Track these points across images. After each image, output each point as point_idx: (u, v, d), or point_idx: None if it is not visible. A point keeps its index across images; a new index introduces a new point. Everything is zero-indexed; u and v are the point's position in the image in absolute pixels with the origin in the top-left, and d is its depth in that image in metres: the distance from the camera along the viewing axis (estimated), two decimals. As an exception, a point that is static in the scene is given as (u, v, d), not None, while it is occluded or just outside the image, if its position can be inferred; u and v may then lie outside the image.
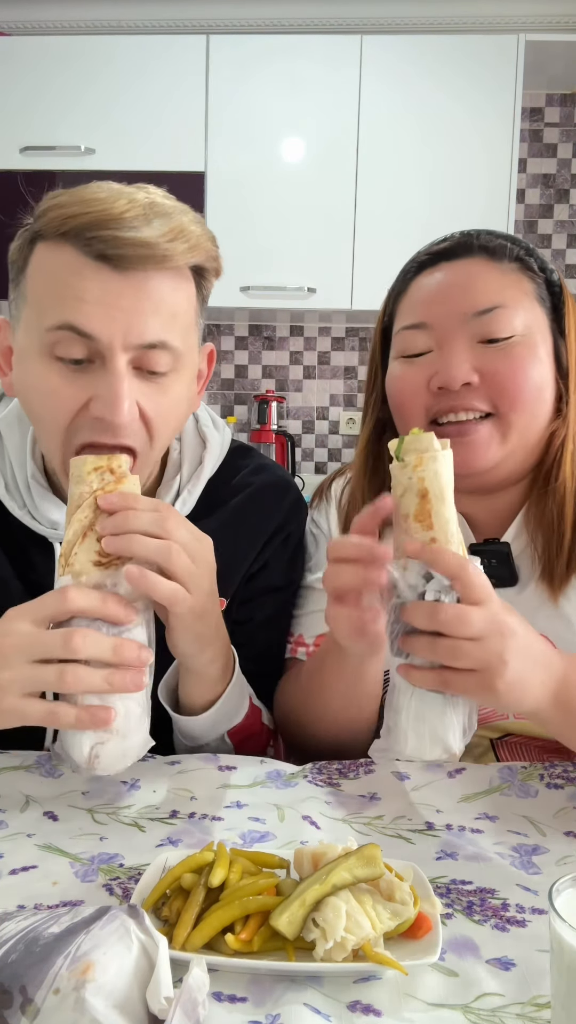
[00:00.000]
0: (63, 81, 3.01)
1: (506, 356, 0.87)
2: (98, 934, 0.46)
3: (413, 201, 3.00)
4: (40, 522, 0.91)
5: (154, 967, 0.46)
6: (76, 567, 0.70)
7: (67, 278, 0.77)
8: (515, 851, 0.71)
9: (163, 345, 0.79)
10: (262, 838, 0.73)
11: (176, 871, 0.59)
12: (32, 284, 0.80)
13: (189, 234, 0.79)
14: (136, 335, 0.77)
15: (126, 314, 0.77)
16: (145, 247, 0.76)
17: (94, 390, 0.78)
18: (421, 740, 0.71)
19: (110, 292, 0.76)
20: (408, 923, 0.56)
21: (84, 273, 0.76)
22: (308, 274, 3.06)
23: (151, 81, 3.00)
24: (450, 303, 0.88)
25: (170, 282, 0.80)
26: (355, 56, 2.97)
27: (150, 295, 0.78)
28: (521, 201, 3.43)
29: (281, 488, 1.03)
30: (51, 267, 0.79)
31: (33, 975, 0.44)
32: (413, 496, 0.69)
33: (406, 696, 0.71)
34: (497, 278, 0.89)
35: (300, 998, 0.52)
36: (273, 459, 3.43)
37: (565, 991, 0.44)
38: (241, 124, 3.02)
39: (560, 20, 3.17)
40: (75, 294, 0.76)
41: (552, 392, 0.90)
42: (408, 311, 0.92)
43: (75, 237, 0.76)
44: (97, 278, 0.76)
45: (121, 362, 0.78)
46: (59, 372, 0.79)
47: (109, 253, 0.75)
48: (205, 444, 0.99)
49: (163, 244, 0.77)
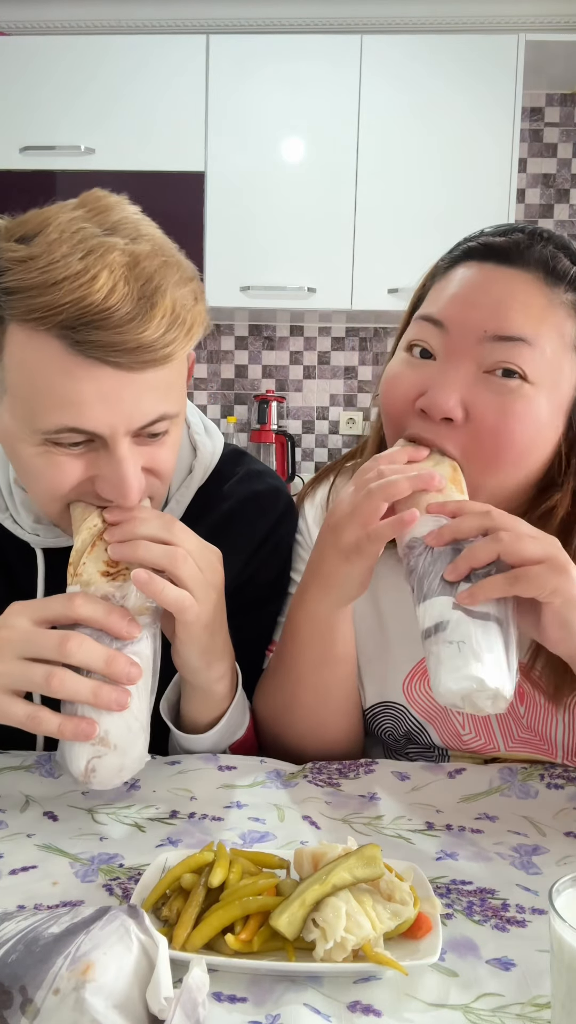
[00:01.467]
0: (63, 81, 3.02)
1: (500, 404, 0.76)
2: (98, 934, 0.46)
3: (413, 201, 3.01)
4: (22, 526, 0.90)
5: (154, 967, 0.46)
6: (84, 577, 0.70)
7: (59, 380, 0.69)
8: (515, 851, 0.71)
9: (162, 417, 0.74)
10: (262, 838, 0.73)
11: (176, 871, 0.59)
12: (13, 378, 0.72)
13: (182, 310, 0.71)
14: (138, 420, 0.72)
15: (126, 407, 0.71)
16: (145, 351, 0.68)
17: (97, 470, 0.74)
18: (495, 668, 0.65)
19: (106, 391, 0.70)
20: (408, 923, 0.56)
21: (77, 374, 0.68)
22: (308, 274, 3.06)
23: (151, 81, 3.00)
24: (475, 312, 0.78)
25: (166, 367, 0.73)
26: (355, 56, 2.98)
27: (148, 382, 0.72)
28: (521, 201, 3.43)
29: (270, 497, 1.00)
30: (35, 363, 0.69)
31: (33, 975, 0.44)
32: (446, 467, 0.74)
33: (468, 625, 0.67)
34: (538, 308, 0.77)
35: (300, 998, 0.52)
36: (273, 460, 3.44)
37: (565, 991, 0.44)
38: (241, 124, 3.02)
39: (560, 20, 3.17)
40: (71, 398, 0.69)
41: (550, 449, 0.80)
42: (434, 299, 0.83)
43: (59, 333, 0.67)
44: (90, 377, 0.69)
45: (124, 446, 0.72)
46: (58, 456, 0.73)
47: (108, 359, 0.68)
48: (195, 452, 0.96)
49: (161, 341, 0.69)
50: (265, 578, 0.99)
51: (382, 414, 0.87)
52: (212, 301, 0.89)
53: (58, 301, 0.65)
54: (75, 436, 0.71)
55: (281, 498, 1.01)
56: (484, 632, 0.67)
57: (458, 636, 0.66)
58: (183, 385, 0.80)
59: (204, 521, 0.93)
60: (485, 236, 0.83)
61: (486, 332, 0.77)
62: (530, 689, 0.87)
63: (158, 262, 0.70)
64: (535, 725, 0.88)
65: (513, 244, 0.80)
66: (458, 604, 0.67)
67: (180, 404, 0.78)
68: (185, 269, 0.75)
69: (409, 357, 0.83)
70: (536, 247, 0.79)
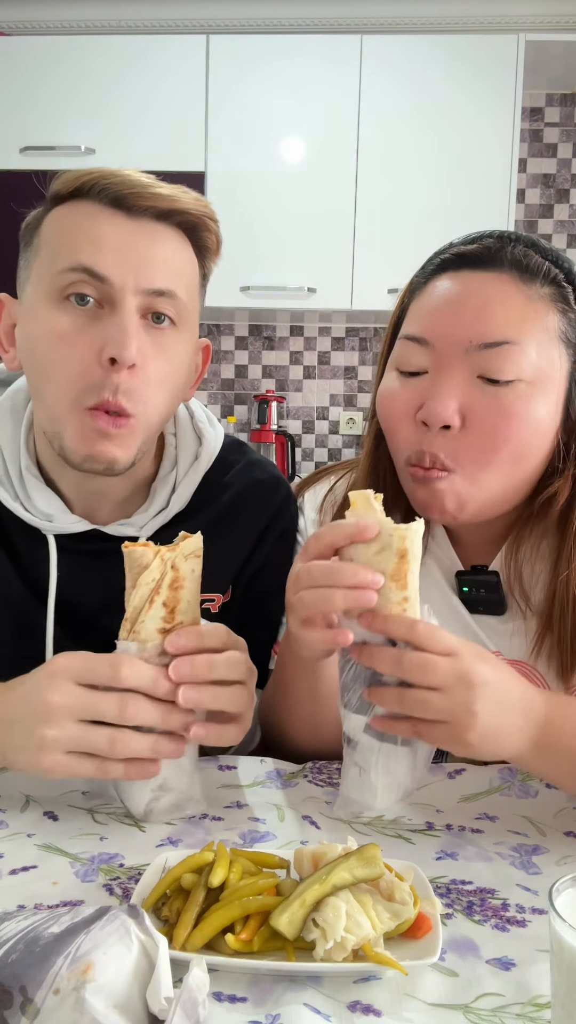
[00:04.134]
0: (63, 81, 3.02)
1: (498, 405, 0.78)
2: (98, 934, 0.46)
3: (413, 201, 3.01)
4: (33, 513, 0.91)
5: (154, 967, 0.46)
6: (142, 635, 0.69)
7: (82, 224, 0.81)
8: (515, 851, 0.71)
9: (171, 294, 0.83)
10: (262, 838, 0.73)
11: (176, 871, 0.59)
12: (46, 237, 0.84)
13: (195, 194, 0.86)
14: (147, 279, 0.81)
15: (139, 259, 0.81)
16: (156, 188, 0.82)
17: (103, 335, 0.80)
18: (389, 792, 0.71)
19: (124, 238, 0.81)
20: (408, 923, 0.56)
21: (99, 219, 0.81)
22: (308, 274, 3.06)
23: (151, 81, 3.01)
24: (457, 325, 0.79)
25: (176, 241, 0.85)
26: (355, 56, 2.98)
27: (160, 246, 0.83)
28: (521, 201, 3.43)
29: (272, 485, 1.03)
30: (66, 218, 0.83)
31: (33, 975, 0.44)
32: (392, 555, 0.65)
33: (372, 753, 0.70)
34: (518, 307, 0.78)
35: (300, 998, 0.52)
36: (273, 460, 3.45)
37: (565, 991, 0.44)
38: (241, 124, 3.02)
39: (560, 20, 3.17)
40: (90, 239, 0.81)
41: (549, 443, 0.81)
42: (416, 317, 0.85)
43: (90, 189, 0.82)
44: (112, 223, 0.81)
45: (131, 304, 0.81)
46: (69, 317, 0.81)
47: (124, 193, 0.81)
48: (201, 440, 0.99)
49: (173, 192, 0.83)
50: (276, 567, 1.00)
51: (383, 426, 0.88)
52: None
53: (92, 170, 0.82)
54: (86, 285, 0.80)
55: (281, 486, 1.04)
56: (387, 758, 0.70)
57: (363, 761, 0.70)
58: (192, 291, 0.88)
59: (209, 508, 0.96)
60: (456, 247, 0.85)
61: (472, 342, 0.78)
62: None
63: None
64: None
65: (484, 249, 0.81)
66: (369, 727, 0.69)
67: (188, 300, 0.86)
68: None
69: (401, 376, 0.85)
70: (507, 248, 0.81)
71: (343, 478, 1.01)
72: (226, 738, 0.72)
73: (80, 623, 0.93)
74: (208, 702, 0.70)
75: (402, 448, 0.84)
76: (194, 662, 0.69)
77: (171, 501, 0.95)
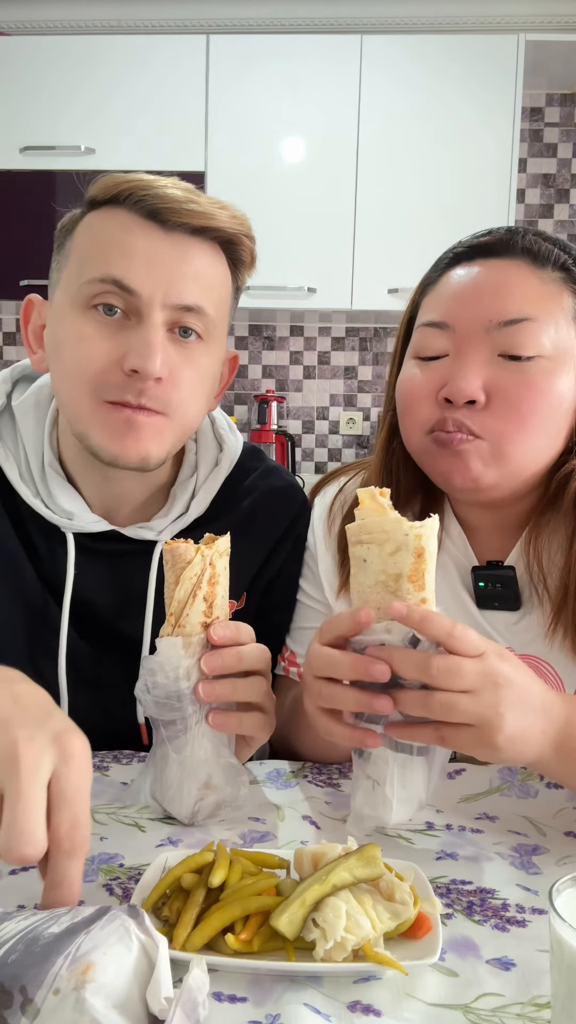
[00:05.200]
0: (63, 81, 3.01)
1: (522, 378, 0.79)
2: (98, 934, 0.46)
3: (413, 201, 3.00)
4: (53, 511, 0.91)
5: (154, 967, 0.46)
6: (187, 629, 0.71)
7: (115, 233, 0.81)
8: (515, 851, 0.71)
9: (199, 310, 0.83)
10: (262, 838, 0.73)
11: (176, 871, 0.59)
12: (78, 242, 0.84)
13: (233, 210, 0.86)
14: (176, 295, 0.81)
15: (169, 273, 0.81)
16: (193, 205, 0.81)
17: (127, 345, 0.80)
18: (404, 805, 0.69)
19: (156, 251, 0.81)
20: (408, 923, 0.56)
21: (132, 230, 0.81)
22: (308, 274, 3.06)
23: (151, 81, 3.00)
24: (476, 306, 0.81)
25: (209, 255, 0.85)
26: (355, 56, 2.97)
27: (192, 260, 0.83)
28: (521, 201, 3.43)
29: (289, 493, 1.03)
30: (100, 226, 0.83)
31: (33, 975, 0.44)
32: (408, 554, 0.64)
33: (387, 764, 0.68)
34: (534, 287, 0.81)
35: (300, 998, 0.52)
36: (273, 459, 3.45)
37: (565, 991, 0.44)
38: (241, 124, 3.02)
39: (560, 20, 3.17)
40: (121, 250, 0.80)
41: (571, 419, 0.82)
42: (432, 306, 0.86)
43: (127, 199, 0.82)
44: (144, 235, 0.81)
45: (158, 318, 0.81)
46: (95, 324, 0.82)
47: (160, 207, 0.80)
48: (222, 446, 1.00)
49: (210, 207, 0.83)
50: (289, 575, 1.02)
51: (401, 418, 0.88)
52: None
53: (136, 179, 0.82)
54: (114, 296, 0.80)
55: (298, 494, 1.05)
56: (402, 769, 0.68)
57: (376, 774, 0.69)
58: (222, 307, 0.88)
59: (228, 514, 0.97)
60: (469, 239, 0.87)
61: (491, 321, 0.80)
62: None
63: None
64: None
65: (497, 239, 0.85)
66: (385, 735, 0.67)
67: (217, 316, 0.85)
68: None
69: (421, 362, 0.85)
70: (517, 238, 0.84)
71: (353, 479, 1.01)
72: (247, 726, 0.74)
73: (94, 623, 0.94)
74: (227, 695, 0.72)
75: (421, 423, 0.84)
76: (223, 655, 0.71)
77: (191, 506, 0.95)
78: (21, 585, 0.92)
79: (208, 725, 0.72)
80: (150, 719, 0.74)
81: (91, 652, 0.94)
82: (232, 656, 0.72)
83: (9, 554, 0.92)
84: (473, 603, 0.91)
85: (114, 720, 0.91)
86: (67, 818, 0.52)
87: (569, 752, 0.69)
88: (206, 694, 0.70)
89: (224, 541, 0.73)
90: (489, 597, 0.90)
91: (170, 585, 0.72)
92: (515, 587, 0.88)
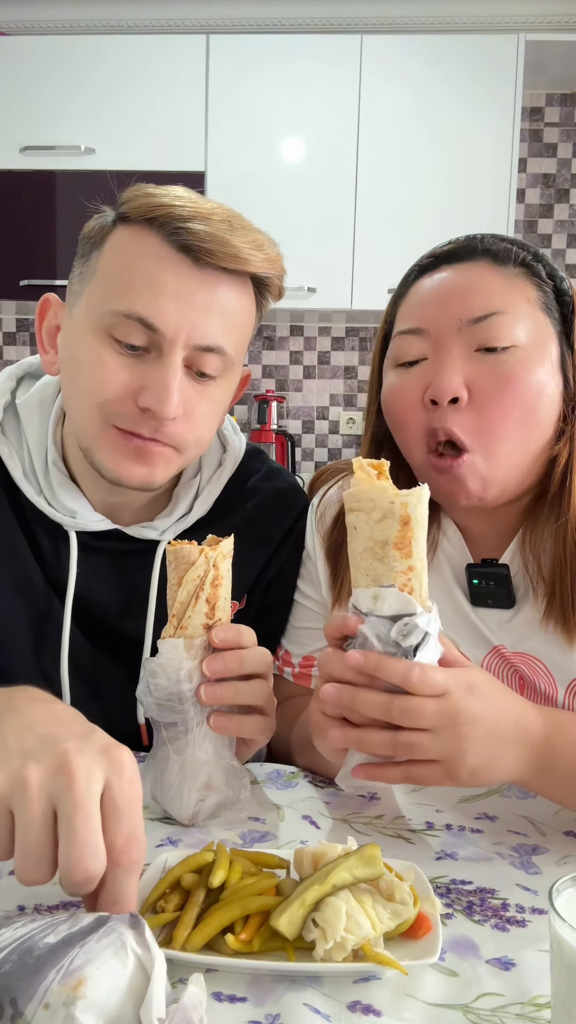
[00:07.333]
0: (63, 81, 3.01)
1: (500, 370, 0.81)
2: (93, 947, 0.45)
3: (413, 201, 3.00)
4: (57, 509, 0.91)
5: (149, 982, 0.44)
6: (189, 630, 0.72)
7: (146, 265, 0.79)
8: (515, 851, 0.71)
9: (219, 350, 0.82)
10: (262, 838, 0.73)
11: (176, 871, 0.59)
12: (107, 262, 0.82)
13: (268, 249, 0.85)
14: (199, 336, 0.80)
15: (195, 312, 0.80)
16: (229, 247, 0.80)
17: (145, 380, 0.80)
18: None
19: (185, 287, 0.79)
20: (408, 923, 0.56)
21: (164, 263, 0.79)
22: (308, 274, 3.06)
23: (151, 81, 3.00)
24: (446, 308, 0.84)
25: (237, 291, 0.84)
26: (355, 56, 2.97)
27: (220, 298, 0.81)
28: (521, 201, 3.43)
29: (292, 494, 1.04)
30: (131, 250, 0.80)
31: (24, 988, 0.43)
32: (394, 522, 0.65)
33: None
34: (499, 283, 0.83)
35: (300, 998, 0.52)
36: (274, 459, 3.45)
37: (565, 991, 0.44)
38: (241, 124, 3.02)
39: (560, 20, 3.17)
40: (150, 285, 0.79)
41: (556, 409, 0.84)
42: (405, 315, 0.89)
43: (162, 225, 0.79)
44: (175, 271, 0.79)
45: (178, 357, 0.80)
46: (113, 353, 0.81)
47: (195, 245, 0.78)
48: (225, 447, 1.00)
49: (245, 249, 0.81)
50: (288, 576, 1.02)
51: (392, 429, 0.90)
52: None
53: (172, 202, 0.79)
54: (136, 331, 0.79)
55: (300, 496, 1.05)
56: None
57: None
58: (244, 341, 0.88)
59: (232, 515, 0.98)
60: (432, 250, 0.91)
61: (463, 320, 0.83)
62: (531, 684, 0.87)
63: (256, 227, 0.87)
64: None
65: (458, 246, 0.88)
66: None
67: (236, 354, 0.85)
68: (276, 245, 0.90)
69: (401, 369, 0.87)
70: (477, 243, 0.87)
71: (339, 483, 1.01)
72: (247, 729, 0.74)
73: (96, 622, 0.94)
74: (228, 698, 0.72)
75: (417, 435, 0.85)
76: (225, 658, 0.71)
77: (194, 506, 0.95)
78: (26, 581, 0.92)
79: (209, 727, 0.72)
80: (151, 720, 0.74)
81: (92, 651, 0.94)
82: (234, 659, 0.72)
83: (14, 550, 0.92)
84: (467, 600, 0.91)
85: (114, 720, 0.90)
86: (124, 831, 0.50)
87: (550, 771, 0.70)
88: (208, 697, 0.71)
89: (228, 543, 0.73)
90: (483, 595, 0.90)
91: (173, 586, 0.72)
92: (508, 585, 0.89)
